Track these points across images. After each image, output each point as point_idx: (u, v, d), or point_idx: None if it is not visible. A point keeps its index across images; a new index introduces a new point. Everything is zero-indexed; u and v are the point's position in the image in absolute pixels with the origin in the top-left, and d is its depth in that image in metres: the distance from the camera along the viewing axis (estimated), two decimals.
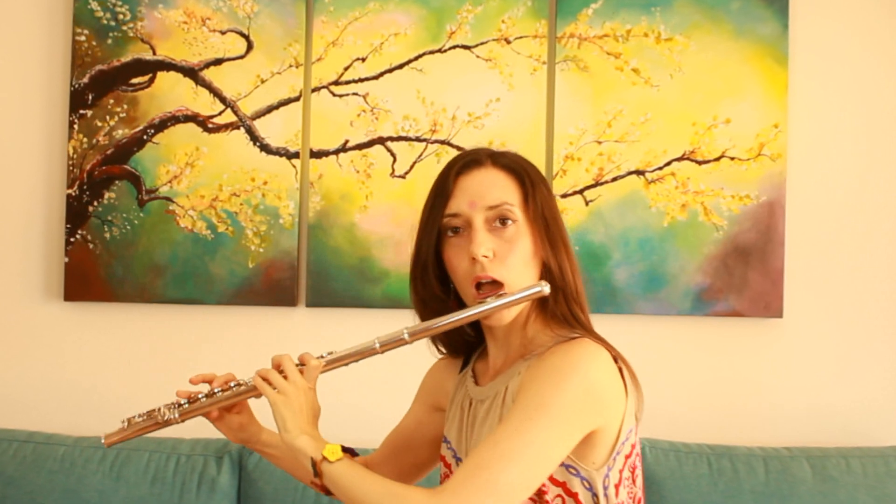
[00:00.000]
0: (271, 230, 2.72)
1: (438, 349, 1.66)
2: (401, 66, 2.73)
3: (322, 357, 1.52)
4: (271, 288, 2.71)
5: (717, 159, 2.71)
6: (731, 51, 2.72)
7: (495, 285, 1.46)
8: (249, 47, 2.73)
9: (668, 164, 2.72)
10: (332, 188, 2.72)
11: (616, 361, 1.44)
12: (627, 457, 1.45)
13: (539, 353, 1.46)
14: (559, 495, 1.42)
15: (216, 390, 1.57)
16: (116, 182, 2.73)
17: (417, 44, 2.73)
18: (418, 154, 2.72)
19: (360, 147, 2.72)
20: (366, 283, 2.71)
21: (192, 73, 2.74)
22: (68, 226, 2.73)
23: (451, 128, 2.71)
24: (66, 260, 2.73)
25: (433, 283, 1.51)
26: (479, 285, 1.46)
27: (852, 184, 2.77)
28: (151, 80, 2.74)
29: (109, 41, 2.74)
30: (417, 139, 2.72)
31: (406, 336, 1.49)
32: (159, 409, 1.58)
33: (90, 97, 2.73)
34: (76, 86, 2.73)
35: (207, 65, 2.74)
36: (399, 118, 2.72)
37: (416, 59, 2.73)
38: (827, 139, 2.77)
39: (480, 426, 1.49)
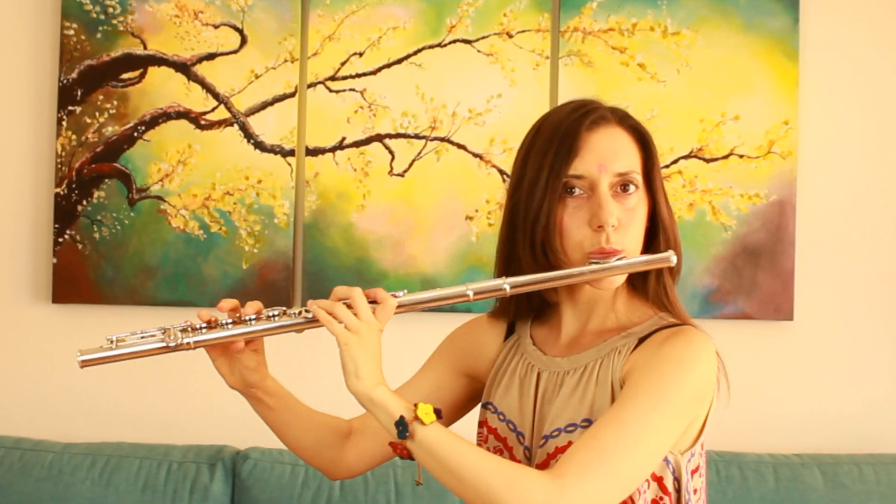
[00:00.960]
0: (266, 230, 2.69)
1: (498, 307, 1.57)
2: (399, 61, 2.70)
3: (397, 296, 1.40)
4: (266, 290, 2.68)
5: (726, 157, 2.69)
6: (740, 45, 2.69)
7: (613, 254, 1.40)
8: (243, 42, 2.71)
9: (675, 161, 2.69)
10: (329, 187, 2.70)
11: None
12: (703, 445, 1.44)
13: (640, 333, 1.41)
14: (645, 479, 1.38)
15: (249, 318, 1.40)
16: (106, 181, 2.71)
17: (416, 38, 2.70)
18: (417, 152, 2.70)
19: (357, 144, 2.70)
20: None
21: (184, 68, 2.71)
22: (56, 226, 2.70)
23: (452, 125, 2.69)
24: (55, 261, 2.70)
25: (557, 248, 1.41)
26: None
27: (865, 182, 2.74)
28: (142, 76, 2.71)
29: (99, 35, 2.70)
30: (416, 136, 2.70)
31: (507, 287, 1.40)
32: (168, 330, 1.37)
33: (79, 93, 2.70)
34: (64, 81, 2.70)
35: (200, 60, 2.71)
36: (398, 115, 2.70)
37: (415, 53, 2.70)
38: (839, 136, 2.74)
39: (567, 399, 1.41)
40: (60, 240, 2.70)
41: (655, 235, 1.45)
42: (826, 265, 2.74)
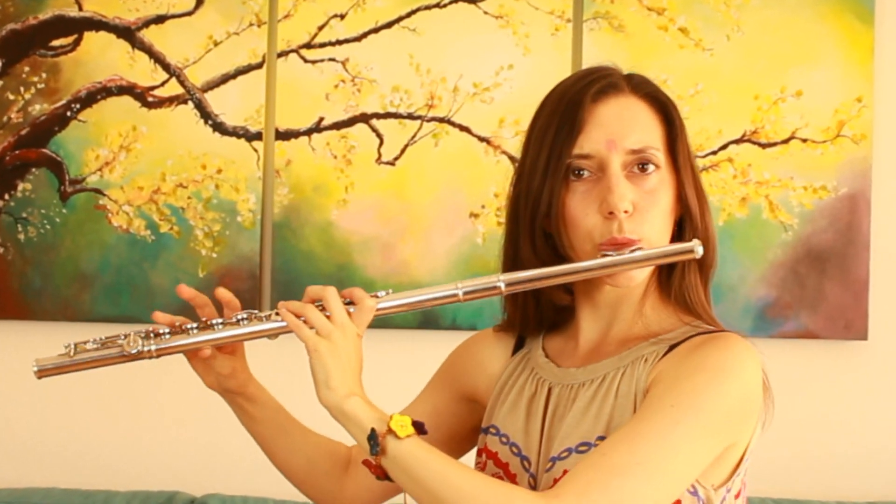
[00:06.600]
0: (227, 230, 2.61)
1: (504, 314, 1.53)
2: (389, 25, 2.61)
3: (377, 296, 1.37)
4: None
5: (786, 141, 2.58)
6: (803, 6, 2.57)
7: (627, 244, 1.35)
8: (199, 2, 2.62)
9: (725, 147, 2.58)
10: (304, 177, 2.61)
11: None
12: (743, 481, 1.38)
13: (672, 340, 1.36)
14: None
15: (216, 322, 1.41)
16: (33, 170, 2.63)
17: None
18: (411, 135, 2.59)
19: (338, 126, 2.60)
20: None
21: (127, 33, 2.62)
22: None
23: (452, 102, 2.59)
24: None
25: (564, 240, 1.37)
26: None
27: None
28: (77, 43, 2.62)
29: None
30: (410, 116, 2.60)
31: (501, 285, 1.36)
32: (127, 336, 1.38)
33: (0, 64, 2.63)
34: None
35: (147, 23, 2.62)
36: (387, 90, 2.60)
37: (409, 16, 2.60)
38: None
39: (581, 414, 1.37)
40: None
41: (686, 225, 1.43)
42: None
